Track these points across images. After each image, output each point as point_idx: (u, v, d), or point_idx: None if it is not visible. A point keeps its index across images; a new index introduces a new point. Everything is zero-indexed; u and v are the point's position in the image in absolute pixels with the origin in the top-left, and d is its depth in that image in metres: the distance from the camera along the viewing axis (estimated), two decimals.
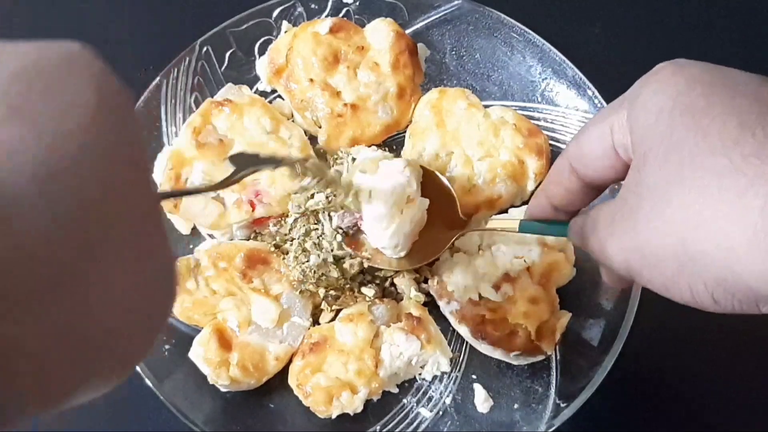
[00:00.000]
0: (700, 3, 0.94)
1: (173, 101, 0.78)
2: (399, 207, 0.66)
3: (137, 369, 0.65)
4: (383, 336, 0.69)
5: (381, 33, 0.79)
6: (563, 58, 0.78)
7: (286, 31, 0.81)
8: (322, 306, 0.72)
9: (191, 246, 0.75)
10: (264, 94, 0.81)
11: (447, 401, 0.71)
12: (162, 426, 0.71)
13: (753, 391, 0.75)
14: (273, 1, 0.81)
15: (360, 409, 0.67)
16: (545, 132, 0.77)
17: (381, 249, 0.69)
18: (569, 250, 0.72)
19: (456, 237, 0.69)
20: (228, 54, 0.80)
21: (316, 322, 0.72)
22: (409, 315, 0.70)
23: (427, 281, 0.73)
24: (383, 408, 0.70)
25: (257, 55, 0.81)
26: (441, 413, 0.70)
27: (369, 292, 0.71)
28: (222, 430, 0.66)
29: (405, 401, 0.71)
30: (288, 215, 0.73)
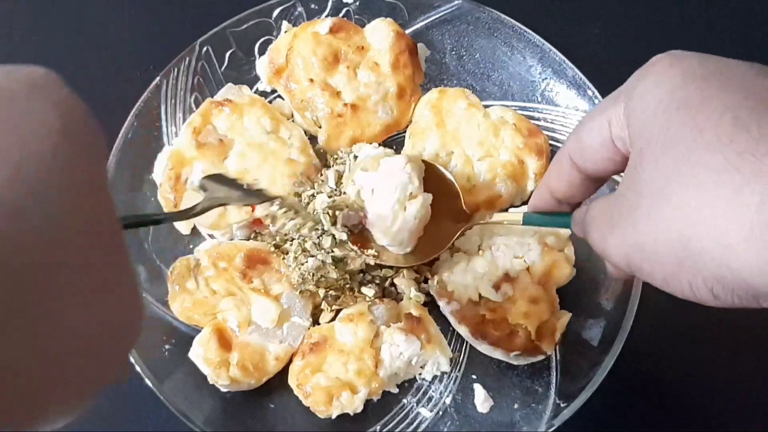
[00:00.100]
0: (700, 3, 0.95)
1: (173, 101, 0.78)
2: (402, 204, 0.66)
3: (137, 369, 0.65)
4: (383, 336, 0.69)
5: (381, 33, 0.79)
6: (563, 58, 0.78)
7: (286, 31, 0.81)
8: (322, 306, 0.72)
9: (191, 246, 0.75)
10: (264, 94, 0.81)
11: (447, 401, 0.71)
12: (162, 426, 0.71)
13: (753, 391, 0.75)
14: (273, 1, 0.81)
15: (360, 409, 0.67)
16: (545, 132, 0.77)
17: (387, 246, 0.69)
18: (569, 250, 0.72)
19: (462, 230, 0.68)
20: (228, 54, 0.80)
21: (316, 322, 0.72)
22: (409, 315, 0.70)
23: (427, 281, 0.73)
24: (383, 408, 0.70)
25: (257, 55, 0.81)
26: (441, 413, 0.70)
27: (369, 292, 0.71)
28: (222, 430, 0.66)
29: (405, 401, 0.71)
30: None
